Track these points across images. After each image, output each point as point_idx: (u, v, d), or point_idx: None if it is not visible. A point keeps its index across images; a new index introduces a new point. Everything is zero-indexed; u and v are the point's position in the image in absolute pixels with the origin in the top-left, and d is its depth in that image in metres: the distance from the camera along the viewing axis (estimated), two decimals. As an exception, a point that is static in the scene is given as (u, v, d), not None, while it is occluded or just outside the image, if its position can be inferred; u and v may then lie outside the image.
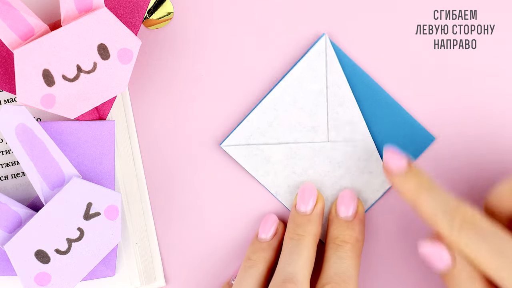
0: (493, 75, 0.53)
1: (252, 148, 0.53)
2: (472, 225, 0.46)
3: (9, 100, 0.53)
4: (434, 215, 0.47)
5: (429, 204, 0.48)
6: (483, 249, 0.45)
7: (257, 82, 0.54)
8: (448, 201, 0.47)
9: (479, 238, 0.46)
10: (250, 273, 0.51)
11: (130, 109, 0.54)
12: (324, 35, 0.53)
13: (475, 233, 0.46)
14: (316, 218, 0.52)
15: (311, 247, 0.51)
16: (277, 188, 0.53)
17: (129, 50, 0.49)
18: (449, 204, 0.47)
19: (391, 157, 0.50)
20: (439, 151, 0.54)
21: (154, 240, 0.54)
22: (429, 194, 0.48)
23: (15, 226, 0.49)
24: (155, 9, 0.54)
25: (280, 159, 0.53)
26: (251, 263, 0.51)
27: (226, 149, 0.53)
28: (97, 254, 0.50)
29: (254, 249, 0.52)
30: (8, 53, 0.50)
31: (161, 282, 0.54)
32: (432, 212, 0.47)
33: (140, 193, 0.54)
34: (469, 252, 0.46)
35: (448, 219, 0.47)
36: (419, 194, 0.48)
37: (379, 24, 0.53)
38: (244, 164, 0.53)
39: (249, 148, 0.53)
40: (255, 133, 0.53)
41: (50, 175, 0.49)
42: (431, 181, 0.49)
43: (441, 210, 0.47)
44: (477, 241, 0.46)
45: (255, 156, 0.53)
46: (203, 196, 0.54)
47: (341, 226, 0.51)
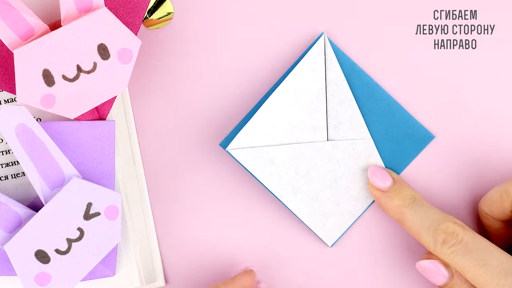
0: (493, 75, 0.53)
1: (257, 150, 0.53)
2: (455, 239, 0.48)
3: (9, 100, 0.53)
4: (419, 231, 0.49)
5: (413, 219, 0.50)
6: (467, 261, 0.47)
7: (257, 82, 0.54)
8: (431, 216, 0.49)
9: (461, 251, 0.47)
10: None
11: (130, 109, 0.54)
12: (322, 34, 0.53)
13: (459, 247, 0.47)
14: None
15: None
16: (282, 190, 0.53)
17: (129, 50, 0.49)
18: (433, 219, 0.49)
19: (375, 175, 0.52)
20: (438, 149, 0.54)
21: (154, 240, 0.54)
22: (413, 210, 0.50)
23: (15, 226, 0.49)
24: (155, 9, 0.54)
25: (284, 161, 0.53)
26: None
27: (233, 153, 0.52)
28: (97, 254, 0.50)
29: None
30: (8, 53, 0.50)
31: (161, 282, 0.54)
32: (417, 228, 0.49)
33: (140, 193, 0.54)
34: (454, 265, 0.48)
35: (432, 235, 0.48)
36: (403, 210, 0.50)
37: (379, 24, 0.53)
38: (250, 167, 0.53)
39: (254, 150, 0.53)
40: (259, 135, 0.53)
41: (50, 175, 0.49)
42: (414, 196, 0.51)
43: (424, 225, 0.49)
44: (460, 254, 0.47)
45: (260, 158, 0.53)
46: (203, 196, 0.54)
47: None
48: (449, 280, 0.49)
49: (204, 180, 0.54)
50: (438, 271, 0.49)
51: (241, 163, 0.52)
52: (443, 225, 0.48)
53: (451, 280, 0.49)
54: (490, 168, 0.53)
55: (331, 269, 0.54)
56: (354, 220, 0.54)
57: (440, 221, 0.49)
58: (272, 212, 0.54)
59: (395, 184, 0.51)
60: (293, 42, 0.54)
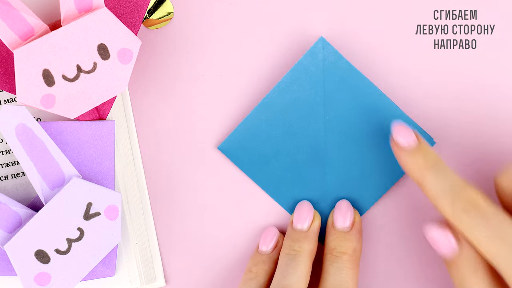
0: (493, 75, 0.53)
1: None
2: (475, 207, 0.46)
3: (9, 100, 0.53)
4: (438, 194, 0.47)
5: (434, 182, 0.47)
6: (484, 232, 0.45)
7: (256, 82, 0.54)
8: (453, 181, 0.47)
9: (480, 221, 0.45)
10: (251, 285, 0.51)
11: (130, 109, 0.54)
12: (321, 37, 0.52)
13: (477, 216, 0.45)
14: (312, 235, 0.52)
15: (307, 262, 0.50)
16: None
17: (129, 50, 0.49)
18: (454, 184, 0.47)
19: (399, 132, 0.49)
20: (438, 149, 0.54)
21: (154, 240, 0.54)
22: (435, 172, 0.47)
23: (15, 226, 0.49)
24: (155, 9, 0.54)
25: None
26: (252, 275, 0.51)
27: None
28: (97, 254, 0.50)
29: (255, 261, 0.52)
30: (8, 53, 0.50)
31: (161, 282, 0.54)
32: (436, 191, 0.47)
33: (140, 193, 0.54)
34: (469, 235, 0.46)
35: (451, 199, 0.46)
36: (425, 172, 0.48)
37: (379, 24, 0.53)
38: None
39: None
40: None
41: (50, 175, 0.49)
42: (438, 159, 0.48)
43: (445, 189, 0.47)
44: (478, 224, 0.45)
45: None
46: (203, 196, 0.54)
47: (339, 237, 0.51)
48: (457, 253, 0.47)
49: (204, 180, 0.54)
50: (448, 242, 0.47)
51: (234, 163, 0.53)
52: (465, 191, 0.46)
53: (461, 254, 0.47)
54: (490, 168, 0.53)
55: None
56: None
57: (462, 187, 0.47)
58: (273, 213, 0.54)
59: (419, 144, 0.49)
60: (294, 42, 0.54)
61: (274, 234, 0.53)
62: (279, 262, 0.51)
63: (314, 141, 0.53)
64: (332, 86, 0.53)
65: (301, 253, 0.51)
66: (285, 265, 0.50)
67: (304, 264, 0.50)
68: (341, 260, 0.50)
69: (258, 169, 0.53)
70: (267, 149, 0.53)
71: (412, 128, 0.50)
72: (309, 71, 0.53)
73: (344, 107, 0.53)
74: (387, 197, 0.54)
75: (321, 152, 0.53)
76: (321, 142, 0.53)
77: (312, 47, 0.52)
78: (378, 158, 0.53)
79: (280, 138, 0.53)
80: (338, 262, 0.50)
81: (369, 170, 0.53)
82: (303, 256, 0.50)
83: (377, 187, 0.53)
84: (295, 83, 0.53)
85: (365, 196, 0.53)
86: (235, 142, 0.53)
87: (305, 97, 0.53)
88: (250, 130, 0.53)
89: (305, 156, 0.53)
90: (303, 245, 0.51)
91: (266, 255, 0.52)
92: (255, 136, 0.53)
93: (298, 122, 0.53)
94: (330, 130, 0.53)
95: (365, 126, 0.53)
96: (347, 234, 0.51)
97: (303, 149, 0.53)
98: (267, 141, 0.53)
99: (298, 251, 0.51)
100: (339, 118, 0.53)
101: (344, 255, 0.50)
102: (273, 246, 0.53)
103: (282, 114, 0.53)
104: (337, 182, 0.53)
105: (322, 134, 0.53)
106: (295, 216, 0.53)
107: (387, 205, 0.54)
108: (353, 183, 0.53)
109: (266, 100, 0.53)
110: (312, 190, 0.53)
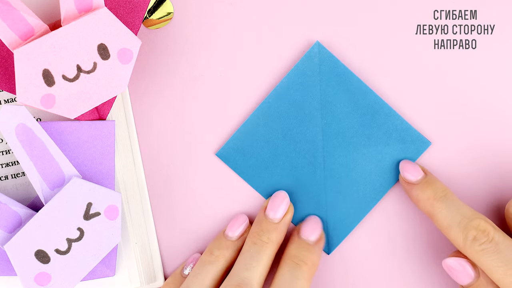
0: (493, 75, 0.53)
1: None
2: (486, 237, 0.47)
3: (9, 100, 0.53)
4: (448, 226, 0.48)
5: (445, 213, 0.49)
6: (496, 261, 0.46)
7: (256, 82, 0.54)
8: (462, 212, 0.48)
9: (491, 250, 0.46)
10: (208, 269, 0.51)
11: (130, 109, 0.54)
12: (317, 42, 0.52)
13: (488, 245, 0.47)
14: (282, 227, 0.52)
15: (271, 256, 0.51)
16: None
17: (129, 50, 0.49)
18: (464, 215, 0.48)
19: (406, 169, 0.51)
20: (438, 149, 0.54)
21: (154, 240, 0.54)
22: (445, 203, 0.49)
23: (15, 226, 0.49)
24: (155, 9, 0.54)
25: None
26: (213, 258, 0.51)
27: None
28: (97, 254, 0.50)
29: (218, 245, 0.52)
30: (8, 53, 0.50)
31: (161, 282, 0.54)
32: (448, 222, 0.48)
33: (140, 193, 0.54)
34: (482, 263, 0.47)
35: (462, 230, 0.47)
36: (434, 203, 0.49)
37: (379, 24, 0.53)
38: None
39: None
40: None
41: (50, 175, 0.49)
42: (446, 190, 0.50)
43: (455, 221, 0.48)
44: (489, 253, 0.46)
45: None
46: (203, 196, 0.54)
47: (302, 246, 0.51)
48: (474, 280, 0.48)
49: (204, 180, 0.54)
50: (464, 270, 0.48)
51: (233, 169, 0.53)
52: (475, 221, 0.47)
53: (477, 281, 0.48)
54: (490, 168, 0.53)
55: (328, 276, 0.54)
56: (352, 228, 0.54)
57: (472, 217, 0.48)
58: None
59: (426, 177, 0.51)
60: (293, 42, 0.54)
61: (243, 222, 0.53)
62: (244, 248, 0.51)
63: (312, 145, 0.53)
64: (329, 90, 0.53)
65: (268, 245, 0.50)
66: (250, 256, 0.50)
67: (268, 258, 0.50)
68: (300, 269, 0.50)
69: (256, 174, 0.53)
70: (265, 154, 0.53)
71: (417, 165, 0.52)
72: (305, 76, 0.53)
73: (341, 111, 0.53)
74: (388, 196, 0.54)
75: (319, 156, 0.53)
76: (319, 146, 0.53)
77: (308, 52, 0.52)
78: (376, 162, 0.53)
79: (278, 142, 0.53)
80: (297, 270, 0.50)
81: (367, 174, 0.53)
82: (269, 249, 0.50)
83: (375, 190, 0.53)
84: (292, 87, 0.53)
85: (364, 199, 0.53)
86: (233, 148, 0.53)
87: (302, 102, 0.53)
88: (248, 135, 0.53)
89: (303, 160, 0.53)
90: (272, 236, 0.51)
91: (230, 241, 0.52)
92: (253, 141, 0.53)
93: (296, 126, 0.53)
94: (328, 134, 0.53)
95: (362, 129, 0.53)
96: (311, 247, 0.51)
97: (301, 153, 0.53)
98: (265, 146, 0.53)
99: (266, 242, 0.50)
100: (336, 122, 0.53)
101: (304, 265, 0.50)
102: (239, 234, 0.52)
103: (279, 119, 0.53)
104: (335, 186, 0.53)
105: (320, 138, 0.53)
106: (270, 204, 0.52)
107: (386, 206, 0.54)
108: (351, 187, 0.53)
109: (263, 105, 0.53)
110: (310, 194, 0.53)
